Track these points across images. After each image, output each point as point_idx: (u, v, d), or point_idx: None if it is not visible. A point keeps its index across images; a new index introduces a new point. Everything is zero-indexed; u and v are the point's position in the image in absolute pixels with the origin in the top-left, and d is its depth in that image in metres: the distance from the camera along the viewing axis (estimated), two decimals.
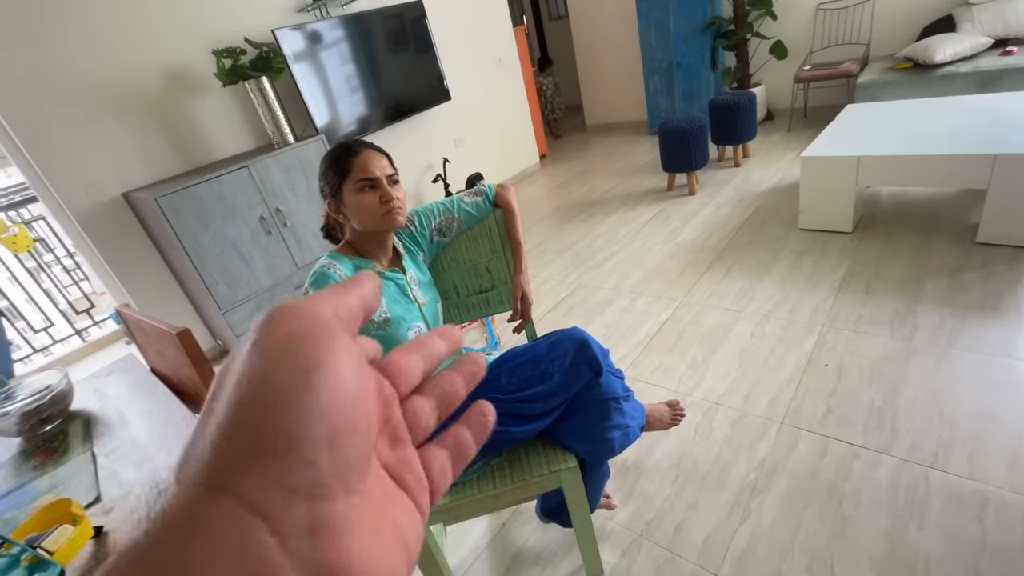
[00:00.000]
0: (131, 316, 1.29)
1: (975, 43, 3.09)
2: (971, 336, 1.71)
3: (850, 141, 2.48)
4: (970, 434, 1.39)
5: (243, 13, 2.80)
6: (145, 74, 2.51)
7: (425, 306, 1.12)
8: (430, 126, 3.87)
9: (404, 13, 3.39)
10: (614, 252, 2.93)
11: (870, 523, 1.24)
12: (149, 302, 2.65)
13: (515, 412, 1.03)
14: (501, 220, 1.31)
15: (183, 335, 1.06)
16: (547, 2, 6.75)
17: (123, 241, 2.54)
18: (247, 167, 2.48)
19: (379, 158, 1.03)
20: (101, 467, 1.02)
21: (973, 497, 1.24)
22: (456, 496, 1.08)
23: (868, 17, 3.84)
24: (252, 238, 2.54)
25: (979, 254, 2.09)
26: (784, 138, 3.95)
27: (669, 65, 4.49)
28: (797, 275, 2.27)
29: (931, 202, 2.58)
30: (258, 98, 2.61)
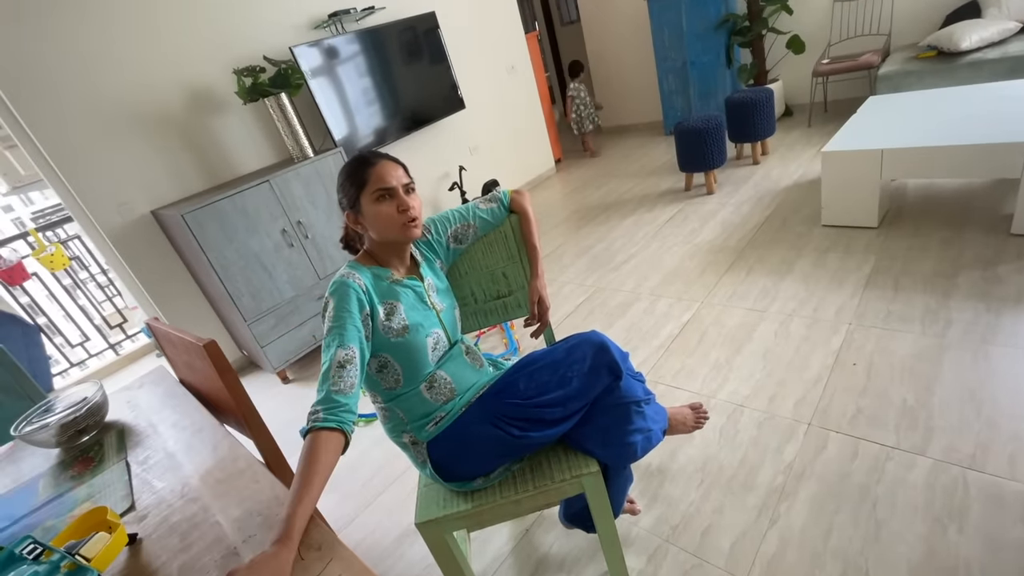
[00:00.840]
0: (160, 329, 1.33)
1: (1002, 28, 2.99)
2: (1008, 331, 1.64)
3: (873, 134, 2.42)
4: (1010, 433, 1.34)
5: (261, 32, 2.88)
6: (170, 95, 2.60)
7: (443, 312, 1.13)
8: (445, 135, 3.91)
9: (417, 25, 3.44)
10: (632, 254, 2.90)
11: (906, 527, 1.20)
12: (178, 315, 2.74)
13: (535, 417, 1.03)
14: (517, 226, 1.32)
15: (209, 346, 1.09)
16: (558, 7, 6.77)
17: (153, 257, 2.63)
18: (268, 181, 2.54)
19: (395, 168, 1.05)
20: (135, 476, 1.05)
21: (1016, 499, 1.19)
22: (478, 502, 1.08)
23: (888, 6, 3.75)
24: (275, 250, 2.60)
25: (1014, 246, 2.01)
26: (804, 134, 3.87)
27: (683, 64, 4.45)
28: (821, 272, 2.21)
29: (961, 194, 2.49)
30: (277, 114, 2.68)
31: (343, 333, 0.93)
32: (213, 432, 1.12)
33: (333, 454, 0.85)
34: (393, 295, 1.05)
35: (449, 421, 1.07)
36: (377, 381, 1.06)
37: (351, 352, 0.92)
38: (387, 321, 1.02)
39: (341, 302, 0.97)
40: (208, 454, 1.05)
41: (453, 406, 1.08)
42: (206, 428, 1.14)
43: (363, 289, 1.00)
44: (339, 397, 0.88)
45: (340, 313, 0.95)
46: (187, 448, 1.09)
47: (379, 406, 1.11)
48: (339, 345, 0.92)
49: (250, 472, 0.96)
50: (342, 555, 0.71)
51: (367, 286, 1.01)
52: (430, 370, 1.07)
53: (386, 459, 1.90)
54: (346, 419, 0.88)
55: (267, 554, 0.68)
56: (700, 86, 4.46)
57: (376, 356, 1.03)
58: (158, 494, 0.97)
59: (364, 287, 1.01)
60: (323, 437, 0.85)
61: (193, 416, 1.21)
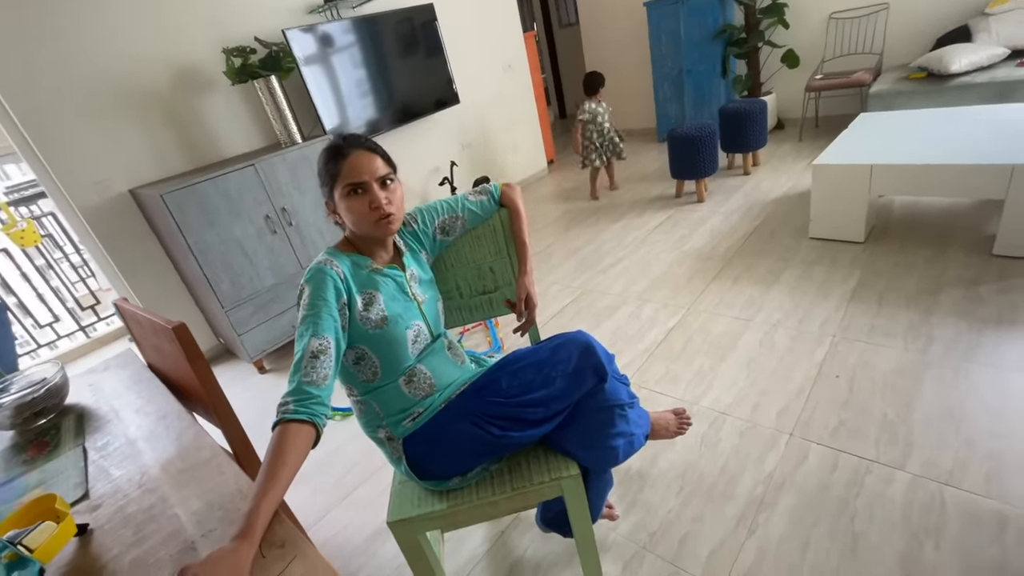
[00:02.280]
0: (128, 310, 1.27)
1: (992, 53, 3.05)
2: (988, 350, 1.66)
3: (863, 150, 2.44)
4: (988, 451, 1.34)
5: (254, 13, 2.81)
6: (155, 71, 2.52)
7: (425, 304, 1.09)
8: (438, 129, 3.86)
9: (415, 16, 3.39)
10: (621, 258, 2.89)
11: (883, 542, 1.19)
12: (153, 298, 2.65)
13: (516, 416, 1.00)
14: (506, 220, 1.29)
15: (179, 329, 1.04)
16: (558, 8, 6.76)
17: (129, 238, 2.55)
18: (254, 165, 2.48)
19: (370, 159, 0.99)
20: (91, 463, 1.00)
21: (992, 517, 1.19)
22: (454, 502, 1.05)
23: (882, 26, 3.80)
24: (257, 236, 2.53)
25: (996, 266, 2.04)
26: (795, 147, 3.91)
27: (679, 72, 4.47)
28: (807, 285, 2.22)
29: (946, 213, 2.53)
30: (266, 97, 2.62)
31: (318, 322, 0.89)
32: (178, 419, 1.07)
33: (302, 447, 0.81)
34: (372, 284, 1.01)
35: (427, 417, 1.03)
36: (354, 373, 1.02)
37: (325, 342, 0.88)
38: (365, 311, 0.98)
39: (317, 290, 0.92)
40: (171, 442, 1.00)
41: (432, 402, 1.04)
42: (171, 415, 1.09)
43: (341, 277, 0.96)
44: (311, 388, 0.84)
45: (315, 301, 0.91)
46: (149, 435, 1.04)
47: (355, 399, 1.07)
48: (313, 334, 0.88)
49: (214, 463, 0.91)
50: (306, 553, 0.67)
51: (345, 274, 0.97)
52: (410, 363, 1.03)
53: (362, 454, 1.85)
54: (317, 411, 0.84)
55: (225, 550, 0.64)
56: (695, 94, 4.48)
57: (353, 347, 0.99)
58: (114, 483, 0.92)
59: (342, 275, 0.96)
60: (292, 430, 0.81)
61: (158, 402, 1.16)
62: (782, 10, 3.92)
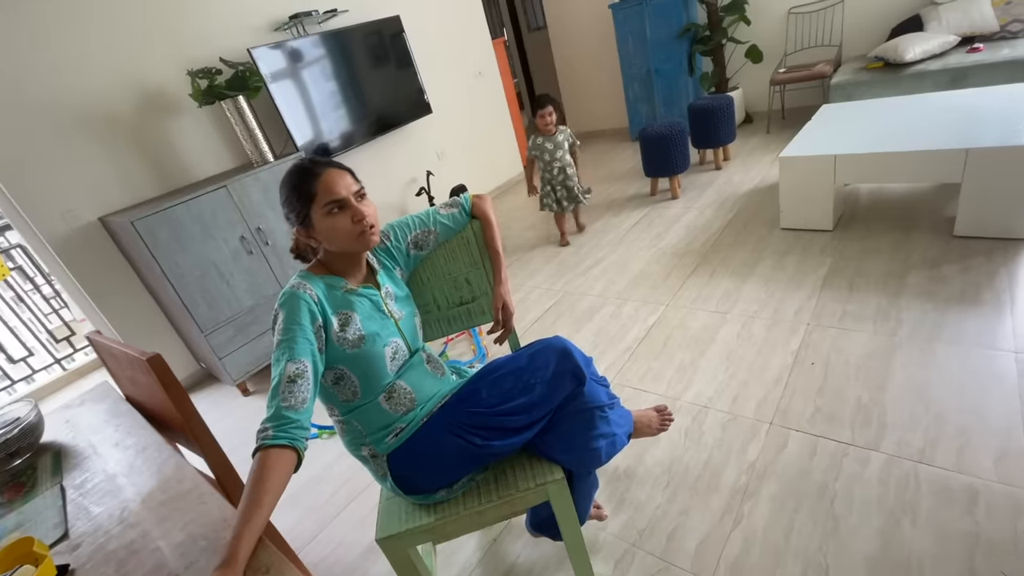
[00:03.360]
0: (101, 343, 1.25)
1: (943, 41, 3.16)
2: (953, 329, 1.72)
3: (827, 140, 2.51)
4: (957, 427, 1.39)
5: (218, 33, 2.79)
6: (119, 96, 2.48)
7: (402, 321, 1.10)
8: (413, 140, 3.87)
9: (382, 29, 3.40)
10: (600, 259, 2.92)
11: (862, 522, 1.23)
12: (129, 327, 2.61)
13: (497, 426, 1.01)
14: (479, 231, 1.30)
15: (153, 360, 1.03)
16: (525, 13, 6.82)
17: (101, 266, 2.50)
18: (226, 187, 2.45)
19: (342, 175, 1.00)
20: (70, 502, 0.98)
21: (963, 491, 1.24)
22: (441, 514, 1.05)
23: (839, 19, 3.91)
24: (233, 258, 2.51)
25: (957, 247, 2.11)
26: (763, 140, 4.00)
27: (647, 72, 4.54)
28: (780, 275, 2.27)
29: (908, 197, 2.61)
30: (235, 117, 2.60)
31: (293, 346, 0.89)
32: (158, 451, 1.06)
33: (284, 473, 0.81)
34: (347, 305, 1.01)
35: (409, 432, 1.04)
36: (334, 394, 1.02)
37: (302, 366, 0.88)
38: (341, 332, 0.98)
39: (291, 314, 0.93)
40: (151, 475, 0.99)
41: (413, 416, 1.05)
42: (150, 447, 1.08)
43: (315, 300, 0.96)
44: (290, 413, 0.84)
45: (290, 326, 0.91)
46: (129, 469, 1.03)
47: (336, 419, 1.07)
48: (289, 359, 0.88)
49: (196, 493, 0.90)
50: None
51: (319, 296, 0.97)
52: (389, 380, 1.04)
53: (350, 472, 1.85)
54: (298, 436, 0.84)
55: None
56: (664, 93, 4.55)
57: (331, 368, 0.99)
58: (94, 520, 0.91)
59: (316, 298, 0.97)
60: (273, 455, 0.81)
61: (138, 435, 1.15)
62: (743, 7, 4.01)
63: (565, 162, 3.00)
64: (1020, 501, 1.18)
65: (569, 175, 3.03)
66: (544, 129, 2.94)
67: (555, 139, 2.97)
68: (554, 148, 2.97)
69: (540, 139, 2.99)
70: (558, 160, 2.98)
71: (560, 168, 3.01)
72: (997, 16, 3.11)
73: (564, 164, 3.00)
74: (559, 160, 2.99)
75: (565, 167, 3.01)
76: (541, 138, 2.99)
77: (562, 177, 3.03)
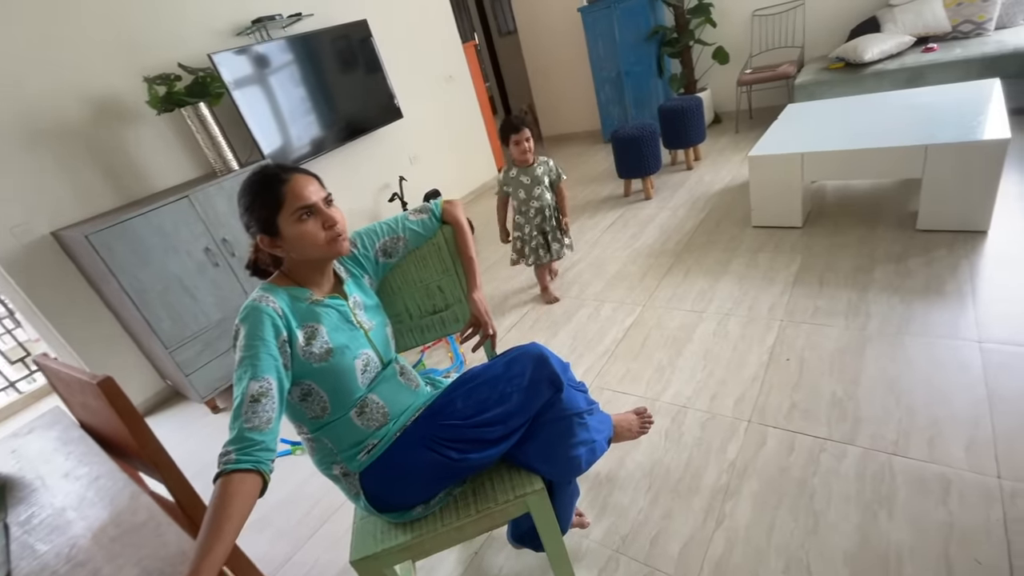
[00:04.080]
0: (50, 367, 1.18)
1: (899, 42, 3.27)
2: (919, 321, 1.76)
3: (793, 139, 2.56)
4: (928, 418, 1.42)
5: (176, 38, 2.69)
6: (70, 104, 2.37)
7: (372, 331, 1.06)
8: (384, 145, 3.81)
9: (349, 34, 3.34)
10: (576, 261, 2.92)
11: (841, 517, 1.24)
12: (89, 346, 2.48)
13: (473, 438, 0.98)
14: (450, 237, 1.27)
15: (104, 384, 0.97)
16: (496, 18, 6.82)
17: (55, 283, 2.38)
18: (188, 197, 2.36)
19: (310, 181, 0.97)
20: (14, 540, 0.91)
21: (936, 481, 1.25)
22: (419, 532, 1.02)
23: (800, 21, 4.01)
24: (198, 271, 2.42)
25: (920, 240, 2.17)
26: (732, 139, 4.06)
27: (618, 74, 4.57)
28: (754, 272, 2.30)
29: (873, 193, 2.68)
30: (196, 125, 2.51)
31: (256, 363, 0.85)
32: (112, 480, 0.99)
33: (248, 499, 0.76)
34: (313, 317, 0.97)
35: (382, 448, 1.00)
36: (302, 411, 0.98)
37: (266, 383, 0.84)
38: (307, 346, 0.94)
39: (253, 329, 0.88)
40: (104, 507, 0.92)
41: (386, 432, 1.01)
42: (104, 476, 1.01)
43: (279, 313, 0.91)
44: (253, 435, 0.80)
45: (252, 341, 0.87)
46: (79, 502, 0.96)
47: (305, 437, 1.02)
48: (252, 377, 0.83)
49: (152, 524, 0.85)
50: None
51: (283, 309, 0.93)
52: (360, 394, 1.00)
53: (324, 490, 1.78)
54: (262, 458, 0.80)
55: None
56: (635, 95, 4.60)
57: (298, 384, 0.94)
58: (41, 559, 0.84)
59: (279, 311, 0.92)
60: (236, 480, 0.76)
61: (91, 463, 1.08)
62: (708, 10, 4.08)
63: (545, 201, 2.35)
64: (990, 489, 1.20)
65: (548, 217, 2.38)
66: (519, 159, 2.31)
67: (532, 171, 2.32)
68: (531, 183, 2.32)
69: (514, 171, 2.34)
70: (536, 199, 2.34)
71: (538, 209, 2.35)
72: (949, 17, 3.23)
73: (544, 204, 2.35)
74: (537, 199, 2.34)
75: (544, 207, 2.36)
76: (515, 170, 2.34)
77: (539, 220, 2.38)
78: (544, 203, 2.37)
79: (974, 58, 2.91)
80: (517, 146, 2.28)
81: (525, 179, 2.35)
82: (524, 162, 2.34)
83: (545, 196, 2.37)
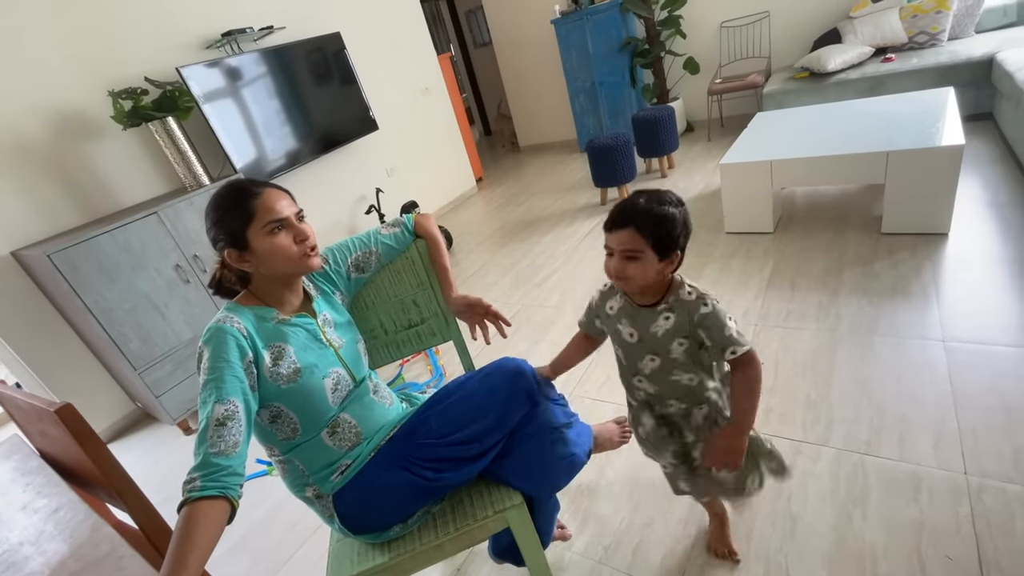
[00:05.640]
0: (5, 394, 1.12)
1: (860, 52, 3.39)
2: (887, 321, 1.80)
3: (763, 147, 2.62)
4: (897, 416, 1.45)
5: (142, 51, 2.64)
6: (28, 118, 2.30)
7: (343, 349, 1.04)
8: (361, 157, 3.78)
9: (323, 46, 3.32)
10: (555, 270, 2.93)
11: (818, 519, 1.25)
12: (53, 370, 2.39)
13: (450, 456, 0.97)
14: (424, 251, 1.26)
15: (63, 411, 0.93)
16: (471, 30, 6.88)
17: (15, 305, 2.29)
18: (156, 213, 2.31)
19: (282, 196, 0.95)
20: None
21: (907, 479, 1.28)
22: (396, 552, 1.00)
23: (766, 32, 4.14)
24: (168, 288, 2.35)
25: (886, 243, 2.24)
26: (705, 148, 4.15)
27: (592, 85, 4.64)
28: (728, 277, 2.34)
29: (840, 198, 2.76)
30: (165, 140, 2.45)
31: (221, 386, 0.82)
32: (72, 512, 0.95)
33: (215, 526, 0.74)
34: (280, 337, 0.95)
35: (356, 469, 0.98)
36: (272, 432, 0.95)
37: (232, 406, 0.82)
38: (274, 367, 0.91)
39: (218, 350, 0.85)
40: (63, 542, 0.88)
41: (360, 452, 0.99)
42: (63, 507, 0.97)
43: (244, 334, 0.89)
44: (219, 460, 0.77)
45: (216, 364, 0.84)
46: (37, 536, 0.92)
47: (276, 459, 0.99)
48: (217, 400, 0.81)
49: (114, 557, 0.81)
50: None
51: (248, 330, 0.91)
52: (332, 414, 0.98)
53: (300, 512, 1.74)
54: (230, 483, 0.77)
55: None
56: (609, 105, 4.67)
57: (266, 407, 0.92)
58: None
59: (245, 331, 0.90)
60: (202, 508, 0.73)
61: (50, 494, 1.03)
62: (677, 22, 4.18)
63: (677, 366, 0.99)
64: (958, 485, 1.24)
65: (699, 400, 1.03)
66: (623, 278, 0.92)
67: (653, 315, 0.96)
68: (646, 336, 0.98)
69: (613, 302, 1.04)
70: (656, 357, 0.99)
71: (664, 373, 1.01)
72: (905, 28, 3.37)
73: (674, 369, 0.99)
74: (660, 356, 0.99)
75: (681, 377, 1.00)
76: (616, 300, 1.03)
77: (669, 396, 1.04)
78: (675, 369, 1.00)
79: (929, 67, 3.03)
80: (620, 259, 0.93)
81: (628, 328, 1.01)
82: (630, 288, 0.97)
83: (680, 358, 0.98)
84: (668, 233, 0.88)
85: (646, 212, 0.88)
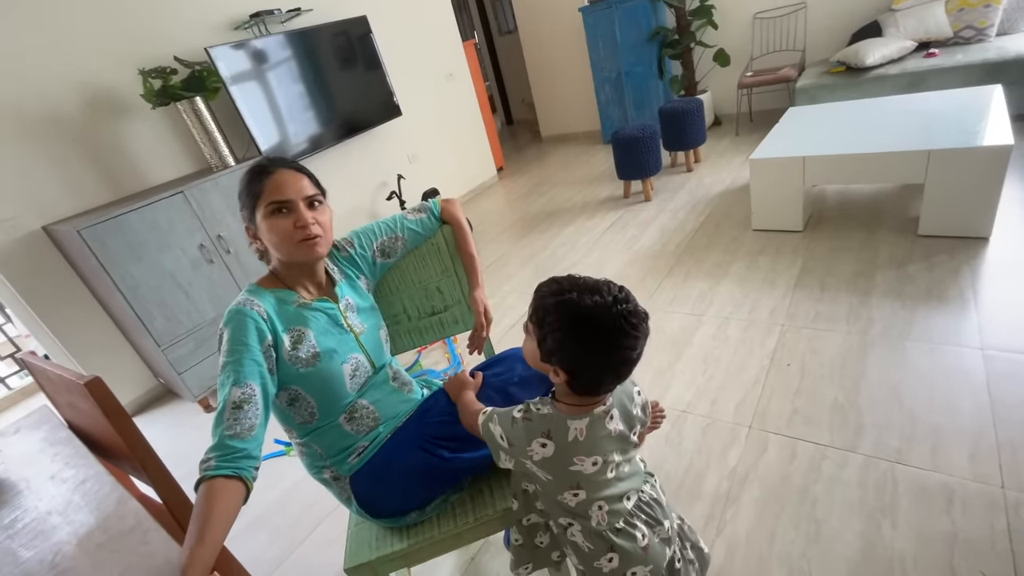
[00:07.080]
0: (36, 366, 1.14)
1: (901, 46, 3.26)
2: (921, 326, 1.74)
3: (795, 142, 2.55)
4: (930, 426, 1.40)
5: (172, 31, 2.65)
6: (63, 96, 2.33)
7: (364, 335, 1.03)
8: (383, 143, 3.78)
9: (349, 30, 3.30)
10: (575, 262, 2.90)
11: (844, 525, 1.22)
12: (80, 343, 2.44)
13: (466, 436, 0.95)
14: (450, 237, 1.24)
15: (92, 384, 0.94)
16: (496, 17, 6.80)
17: (46, 278, 2.34)
18: (183, 192, 2.33)
19: (297, 178, 0.93)
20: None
21: (940, 490, 1.24)
22: (415, 539, 0.99)
23: (802, 24, 4.01)
24: (192, 267, 2.38)
25: (922, 246, 2.16)
26: (733, 142, 4.05)
27: (618, 75, 4.56)
28: (754, 275, 2.28)
29: (874, 198, 2.67)
30: (192, 120, 2.47)
31: (239, 369, 0.82)
32: (99, 484, 0.96)
33: (231, 504, 0.73)
34: (300, 321, 0.94)
35: (373, 450, 0.97)
36: (290, 416, 0.95)
37: (249, 390, 0.81)
38: (293, 350, 0.91)
39: (237, 333, 0.85)
40: (90, 512, 0.89)
41: (377, 434, 0.98)
42: (90, 479, 0.98)
43: (264, 317, 0.88)
44: (234, 442, 0.77)
45: (235, 346, 0.84)
46: (65, 506, 0.93)
47: (295, 441, 0.99)
48: (234, 383, 0.81)
49: (139, 531, 0.82)
50: None
51: (268, 313, 0.90)
52: (350, 399, 0.97)
53: (318, 492, 1.73)
54: (244, 466, 0.77)
55: None
56: (635, 96, 4.58)
57: (285, 389, 0.91)
58: (23, 566, 0.81)
59: (265, 314, 0.89)
60: (218, 486, 0.73)
61: (77, 466, 1.05)
62: (710, 12, 4.07)
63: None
64: (994, 499, 1.19)
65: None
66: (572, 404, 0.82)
67: (607, 426, 0.83)
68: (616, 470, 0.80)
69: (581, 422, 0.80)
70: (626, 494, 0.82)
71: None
72: (951, 22, 3.22)
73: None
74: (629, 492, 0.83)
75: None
76: (580, 420, 0.80)
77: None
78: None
79: (975, 64, 2.90)
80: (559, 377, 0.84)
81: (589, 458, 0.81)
82: (574, 411, 0.84)
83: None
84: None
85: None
